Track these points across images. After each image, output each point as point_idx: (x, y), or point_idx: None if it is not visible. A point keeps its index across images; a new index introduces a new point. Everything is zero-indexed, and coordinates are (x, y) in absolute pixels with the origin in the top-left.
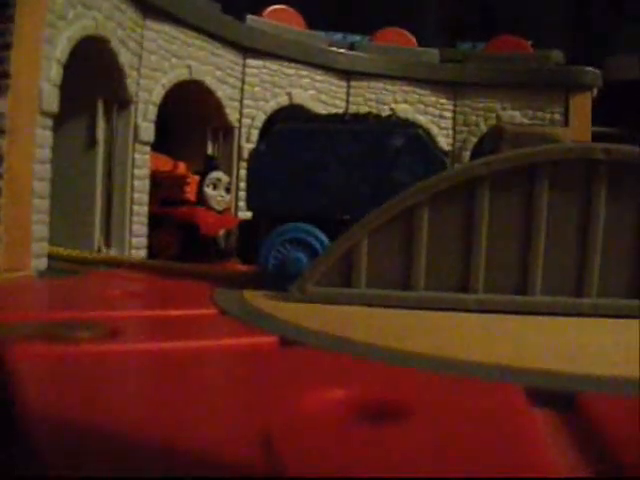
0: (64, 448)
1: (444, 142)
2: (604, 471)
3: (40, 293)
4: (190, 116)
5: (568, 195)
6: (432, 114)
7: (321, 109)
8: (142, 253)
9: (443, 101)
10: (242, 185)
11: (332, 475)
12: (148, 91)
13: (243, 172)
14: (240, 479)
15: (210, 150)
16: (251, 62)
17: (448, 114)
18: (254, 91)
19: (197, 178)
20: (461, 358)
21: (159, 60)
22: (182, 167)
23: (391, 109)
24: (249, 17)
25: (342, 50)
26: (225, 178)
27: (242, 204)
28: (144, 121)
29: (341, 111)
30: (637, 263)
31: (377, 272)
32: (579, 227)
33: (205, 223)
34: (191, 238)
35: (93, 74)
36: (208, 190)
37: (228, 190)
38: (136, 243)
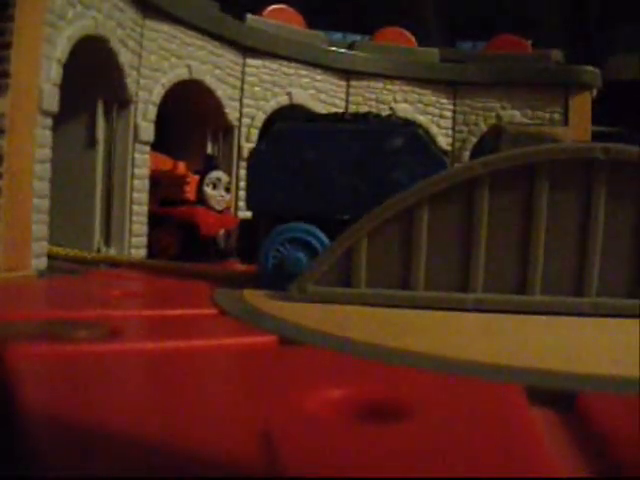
0: (64, 448)
1: (444, 142)
2: (604, 471)
3: (40, 293)
4: (190, 116)
5: (567, 195)
6: (432, 114)
7: (321, 108)
8: (142, 253)
9: (443, 101)
10: (242, 185)
11: (332, 475)
12: (148, 91)
13: (243, 172)
14: (240, 479)
15: (210, 150)
16: (251, 61)
17: (448, 114)
18: (254, 91)
19: (197, 178)
20: (461, 358)
21: (159, 60)
22: (182, 167)
23: (391, 109)
24: (249, 16)
25: (342, 50)
26: (225, 178)
27: (242, 204)
28: (144, 121)
29: (341, 110)
30: (637, 263)
31: (377, 272)
32: (579, 226)
33: (205, 223)
34: (191, 238)
35: (93, 74)
36: (208, 190)
37: (228, 190)
38: (136, 243)
